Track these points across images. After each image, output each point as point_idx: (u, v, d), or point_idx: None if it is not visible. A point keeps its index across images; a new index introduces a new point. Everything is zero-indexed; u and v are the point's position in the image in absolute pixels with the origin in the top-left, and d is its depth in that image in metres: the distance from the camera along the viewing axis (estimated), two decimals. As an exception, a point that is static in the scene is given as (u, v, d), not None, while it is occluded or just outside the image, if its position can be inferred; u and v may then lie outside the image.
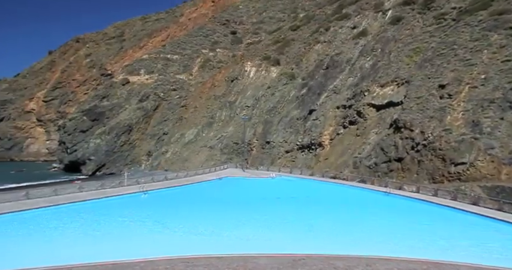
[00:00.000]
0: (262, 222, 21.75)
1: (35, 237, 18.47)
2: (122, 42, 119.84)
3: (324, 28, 69.35)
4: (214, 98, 72.47)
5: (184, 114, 74.77)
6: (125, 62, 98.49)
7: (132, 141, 74.95)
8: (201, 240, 17.91)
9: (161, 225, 20.55)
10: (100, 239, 18.04)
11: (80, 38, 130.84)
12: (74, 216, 22.67)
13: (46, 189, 29.43)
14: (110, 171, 70.12)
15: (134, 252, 14.59)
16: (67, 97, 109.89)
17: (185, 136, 68.17)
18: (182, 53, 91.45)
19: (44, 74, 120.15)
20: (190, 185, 35.82)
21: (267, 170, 48.64)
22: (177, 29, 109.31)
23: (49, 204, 24.39)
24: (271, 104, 62.04)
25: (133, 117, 76.39)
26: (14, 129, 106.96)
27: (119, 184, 33.92)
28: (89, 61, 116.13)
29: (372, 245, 17.05)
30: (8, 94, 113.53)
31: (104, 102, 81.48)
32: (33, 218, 21.74)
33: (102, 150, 72.25)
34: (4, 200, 24.49)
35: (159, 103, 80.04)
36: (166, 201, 29.46)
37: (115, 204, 26.64)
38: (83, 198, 26.82)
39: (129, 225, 21.01)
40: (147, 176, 45.87)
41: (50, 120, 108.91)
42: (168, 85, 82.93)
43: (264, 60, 72.53)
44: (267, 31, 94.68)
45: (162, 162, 66.08)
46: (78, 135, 77.65)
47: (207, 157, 60.51)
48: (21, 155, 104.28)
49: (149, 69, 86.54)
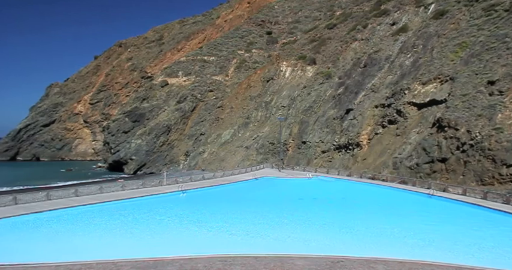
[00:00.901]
0: (299, 223, 21.56)
1: (82, 232, 19.48)
2: (161, 45, 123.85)
3: (362, 25, 67.63)
4: (250, 98, 72.93)
5: (220, 114, 75.89)
6: (164, 64, 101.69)
7: (171, 141, 77.20)
8: (238, 239, 18.05)
9: (199, 224, 20.94)
10: (141, 236, 18.68)
11: (122, 42, 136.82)
12: (117, 213, 23.69)
13: (92, 187, 31.01)
14: (150, 170, 72.66)
15: (174, 249, 14.98)
16: (111, 99, 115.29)
17: (221, 136, 69.15)
18: (218, 55, 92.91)
19: (90, 77, 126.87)
20: (227, 185, 36.23)
21: (303, 170, 48.20)
22: (213, 31, 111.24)
23: (95, 201, 25.66)
24: (307, 103, 61.40)
25: (172, 118, 78.65)
26: (64, 131, 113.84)
27: (159, 183, 35.00)
28: (131, 64, 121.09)
29: (415, 249, 16.36)
30: (59, 98, 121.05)
31: (144, 104, 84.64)
32: (81, 214, 22.97)
33: (142, 150, 75.03)
34: (56, 196, 26.13)
35: (197, 104, 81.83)
36: (203, 200, 29.99)
37: (155, 202, 27.50)
38: (126, 197, 27.94)
39: (169, 223, 21.60)
40: (185, 175, 46.99)
41: (95, 121, 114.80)
42: (205, 86, 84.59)
43: (300, 59, 71.95)
44: (303, 30, 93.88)
45: (200, 162, 67.47)
46: (121, 135, 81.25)
47: (243, 157, 61.00)
48: (70, 155, 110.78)
49: (187, 71, 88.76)
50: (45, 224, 20.67)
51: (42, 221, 21.02)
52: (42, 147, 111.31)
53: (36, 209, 22.71)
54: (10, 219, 20.58)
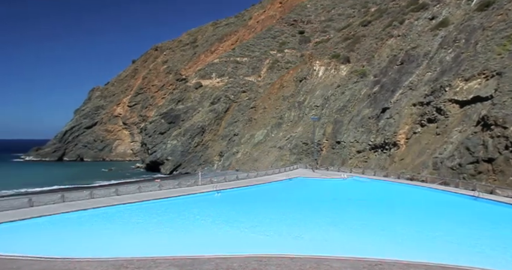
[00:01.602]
0: (335, 224, 21.20)
1: (122, 229, 20.27)
2: (195, 48, 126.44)
3: (398, 21, 65.42)
4: (282, 98, 72.71)
5: (253, 115, 76.22)
6: (198, 66, 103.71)
7: (205, 142, 78.54)
8: (273, 239, 18.02)
9: (234, 224, 21.13)
10: (177, 235, 19.14)
11: (158, 46, 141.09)
12: (155, 212, 24.44)
13: (131, 186, 32.19)
14: (186, 170, 74.31)
15: (209, 248, 15.21)
16: (147, 102, 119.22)
17: (255, 137, 69.43)
18: (251, 56, 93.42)
19: (129, 81, 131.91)
20: (261, 185, 36.30)
21: (337, 170, 47.36)
22: (245, 32, 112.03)
23: (134, 200, 26.61)
24: (341, 103, 60.27)
25: (206, 119, 80.00)
26: (105, 132, 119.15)
27: (194, 183, 35.69)
28: (166, 67, 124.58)
29: (459, 255, 15.57)
30: (100, 101, 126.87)
31: (179, 106, 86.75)
32: (121, 212, 23.92)
33: (178, 151, 76.90)
34: (99, 195, 27.40)
35: (230, 105, 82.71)
36: (238, 200, 30.25)
37: (191, 202, 28.07)
38: (163, 196, 28.75)
39: (204, 222, 21.97)
40: (219, 175, 47.59)
41: (133, 123, 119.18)
42: (238, 87, 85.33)
43: (333, 58, 70.80)
44: (336, 28, 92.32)
45: (233, 163, 68.12)
46: (157, 137, 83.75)
47: (276, 157, 60.90)
48: (110, 155, 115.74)
49: (220, 73, 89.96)
50: (89, 221, 21.72)
51: (87, 218, 22.11)
52: (85, 148, 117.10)
53: (81, 206, 23.92)
54: (59, 215, 21.83)
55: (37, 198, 24.84)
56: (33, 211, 22.37)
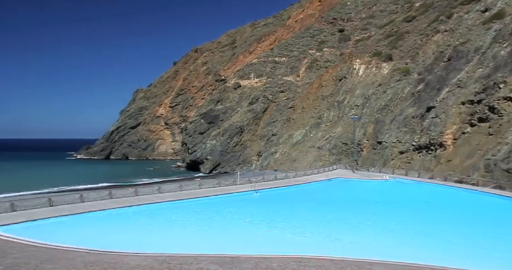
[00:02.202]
0: (376, 227, 20.55)
1: (164, 226, 20.96)
2: (233, 49, 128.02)
3: (446, 16, 62.12)
4: (321, 98, 71.67)
5: (292, 115, 75.80)
6: (237, 67, 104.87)
7: (244, 142, 79.22)
8: (312, 241, 17.80)
9: (272, 224, 21.12)
10: (217, 233, 19.47)
11: (198, 48, 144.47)
12: (195, 210, 25.02)
13: (173, 185, 33.22)
14: (225, 170, 75.41)
15: (248, 247, 15.32)
16: (188, 102, 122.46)
17: (293, 137, 69.01)
18: (289, 55, 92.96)
19: (170, 82, 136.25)
20: (300, 186, 36.01)
21: (379, 171, 45.85)
22: (284, 32, 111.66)
23: (175, 198, 27.43)
24: (383, 102, 58.30)
25: (245, 119, 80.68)
26: (148, 132, 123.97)
27: (233, 183, 36.14)
28: (206, 68, 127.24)
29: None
30: (144, 102, 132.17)
31: (218, 106, 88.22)
32: (163, 209, 24.75)
33: (217, 151, 78.22)
34: (143, 193, 28.55)
35: (268, 105, 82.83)
36: (276, 200, 30.22)
37: (230, 201, 28.44)
38: (203, 195, 29.37)
39: (243, 222, 22.16)
40: (257, 175, 47.80)
41: (174, 123, 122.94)
42: (276, 87, 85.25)
43: (375, 56, 68.67)
44: (378, 25, 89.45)
45: (272, 163, 68.15)
46: (197, 136, 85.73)
47: (315, 158, 60.15)
48: (153, 154, 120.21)
49: (258, 73, 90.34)
50: (134, 217, 22.69)
51: (132, 215, 23.11)
52: (130, 147, 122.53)
53: (126, 203, 25.06)
54: (106, 211, 23.02)
55: (87, 195, 26.36)
56: (84, 206, 23.76)
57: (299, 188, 35.38)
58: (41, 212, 21.78)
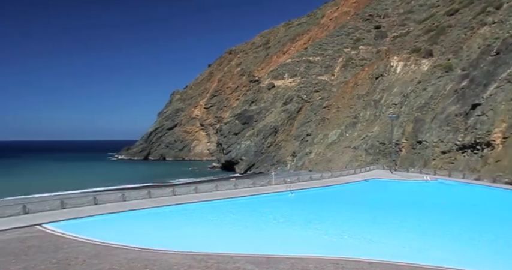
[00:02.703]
0: (416, 230, 19.80)
1: (201, 226, 21.39)
2: (267, 49, 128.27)
3: (494, 7, 58.56)
4: (357, 97, 70.10)
5: (326, 115, 74.74)
6: (270, 67, 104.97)
7: (278, 142, 79.12)
8: (348, 242, 17.48)
9: (308, 225, 20.96)
10: (253, 233, 19.60)
11: (232, 49, 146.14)
12: (231, 210, 25.35)
13: (209, 185, 33.85)
14: (259, 170, 75.71)
15: (284, 248, 15.31)
16: (222, 103, 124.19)
17: (328, 137, 68.03)
18: (324, 54, 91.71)
19: (205, 84, 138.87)
20: (336, 186, 35.46)
21: (419, 172, 44.12)
22: (318, 31, 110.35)
23: (212, 198, 27.94)
24: (423, 100, 56.00)
25: (279, 119, 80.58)
26: (184, 133, 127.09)
27: (268, 183, 36.23)
28: (240, 69, 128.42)
29: None
30: (180, 104, 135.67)
31: (252, 107, 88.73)
32: (200, 209, 25.29)
33: (251, 151, 78.69)
34: (180, 192, 29.35)
35: (302, 105, 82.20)
36: (312, 201, 29.94)
37: (265, 201, 28.54)
38: (238, 195, 29.68)
39: (278, 222, 22.16)
40: (292, 175, 47.62)
41: (209, 124, 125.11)
42: (310, 87, 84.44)
43: (414, 52, 66.15)
44: (417, 20, 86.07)
45: (306, 163, 67.56)
46: (232, 137, 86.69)
47: (351, 158, 58.93)
48: (189, 155, 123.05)
49: (292, 73, 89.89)
50: (172, 216, 23.39)
51: (170, 214, 23.84)
52: (167, 148, 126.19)
53: (165, 202, 25.87)
54: (145, 210, 23.91)
55: (128, 194, 27.50)
56: (126, 205, 24.81)
57: (335, 188, 34.84)
58: (87, 210, 23.01)
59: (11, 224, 19.04)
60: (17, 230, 18.16)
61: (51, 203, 23.92)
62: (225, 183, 36.08)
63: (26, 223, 19.32)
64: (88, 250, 14.61)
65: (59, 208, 23.12)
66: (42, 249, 14.78)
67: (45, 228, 18.74)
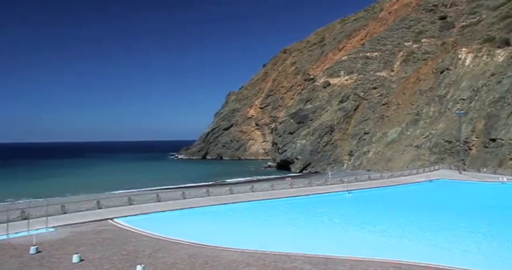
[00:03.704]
0: (488, 236, 18.14)
1: (258, 224, 21.65)
2: (322, 47, 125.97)
3: None
4: (419, 93, 66.10)
5: (385, 112, 71.50)
6: (326, 65, 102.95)
7: (334, 141, 77.35)
8: (409, 246, 16.57)
9: (367, 226, 20.25)
10: (310, 233, 19.40)
11: (287, 49, 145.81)
12: (287, 209, 25.36)
13: (265, 184, 34.17)
14: (315, 170, 74.65)
15: (342, 249, 14.93)
16: (277, 103, 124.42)
17: (387, 135, 65.02)
18: (382, 49, 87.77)
19: (260, 84, 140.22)
20: (396, 187, 33.84)
21: (493, 172, 40.45)
22: (376, 26, 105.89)
23: (268, 197, 28.17)
24: (497, 94, 51.16)
25: (335, 118, 78.76)
26: (240, 133, 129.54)
27: (324, 182, 35.66)
28: (294, 68, 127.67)
29: None
30: (236, 104, 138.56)
31: (307, 106, 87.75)
32: (256, 207, 25.62)
33: (307, 150, 77.84)
34: (237, 191, 30.01)
35: (360, 103, 79.49)
36: (371, 201, 28.88)
37: (322, 201, 28.11)
38: (294, 194, 29.59)
39: (336, 222, 21.71)
40: (349, 175, 46.35)
41: (264, 124, 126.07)
42: (368, 84, 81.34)
43: (486, 42, 60.69)
44: (490, 7, 78.70)
45: (364, 162, 65.25)
46: (287, 136, 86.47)
47: (413, 157, 55.73)
48: (245, 154, 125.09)
49: (349, 70, 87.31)
50: (229, 214, 23.99)
51: (227, 212, 24.47)
52: (224, 148, 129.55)
53: (222, 201, 26.62)
54: (204, 208, 24.81)
55: (188, 192, 28.74)
56: (186, 203, 25.96)
57: (395, 189, 33.25)
58: (151, 207, 24.48)
59: (87, 218, 20.90)
60: (93, 223, 19.89)
61: (120, 199, 25.82)
62: (280, 182, 36.19)
63: (99, 217, 21.07)
64: (153, 244, 15.52)
65: (126, 204, 24.86)
66: (114, 241, 16.02)
67: (116, 222, 20.27)
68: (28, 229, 17.61)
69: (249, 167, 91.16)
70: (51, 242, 15.74)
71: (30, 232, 17.17)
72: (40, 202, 23.56)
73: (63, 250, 14.49)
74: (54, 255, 13.80)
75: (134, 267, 11.58)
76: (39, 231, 17.45)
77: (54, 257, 13.63)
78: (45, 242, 15.72)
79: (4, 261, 13.23)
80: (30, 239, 15.72)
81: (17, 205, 23.40)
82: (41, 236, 16.61)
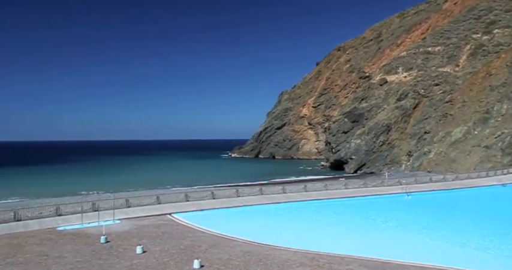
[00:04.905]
0: None
1: (311, 224, 21.41)
2: (378, 43, 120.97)
3: None
4: (490, 89, 60.85)
5: (449, 110, 66.82)
6: (382, 62, 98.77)
7: (391, 141, 74.01)
8: (480, 256, 15.31)
9: (426, 231, 19.13)
10: (365, 235, 18.77)
11: (341, 46, 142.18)
12: (341, 210, 24.80)
13: (318, 184, 33.71)
14: (370, 170, 72.03)
15: (398, 253, 14.27)
16: (331, 102, 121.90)
17: (451, 135, 60.75)
18: (446, 43, 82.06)
19: (313, 83, 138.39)
20: (462, 190, 31.57)
21: None
22: (439, 18, 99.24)
23: (321, 197, 27.79)
24: None
25: (392, 116, 75.32)
26: (292, 132, 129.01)
27: (380, 183, 34.34)
28: (349, 66, 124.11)
29: None
30: (288, 103, 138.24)
31: (362, 104, 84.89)
32: (309, 207, 25.40)
33: (362, 150, 75.34)
34: (289, 191, 29.97)
35: (419, 100, 75.17)
36: (432, 205, 27.24)
37: (378, 203, 27.10)
38: (349, 195, 28.85)
39: (394, 225, 20.78)
40: (408, 176, 44.21)
41: (317, 123, 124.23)
42: (429, 80, 76.59)
43: None
44: None
45: (425, 163, 61.61)
46: (341, 136, 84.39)
47: (481, 158, 51.49)
48: (297, 154, 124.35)
49: (407, 66, 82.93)
50: (282, 213, 24.03)
51: (280, 210, 24.55)
52: (276, 147, 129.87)
53: (275, 200, 26.76)
54: (257, 206, 25.15)
55: (242, 190, 29.30)
56: (240, 200, 26.50)
57: (461, 192, 31.02)
58: (206, 203, 25.35)
59: (148, 212, 22.23)
60: (153, 217, 21.10)
61: (177, 195, 27.07)
62: (334, 182, 35.49)
63: (159, 212, 22.29)
64: (208, 240, 16.07)
65: (183, 200, 25.99)
66: (173, 235, 16.86)
67: (174, 217, 21.30)
68: (98, 220, 19.17)
69: (302, 167, 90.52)
70: (118, 233, 16.98)
71: (100, 223, 18.69)
72: (107, 196, 25.50)
73: (128, 241, 15.57)
74: (120, 246, 14.88)
75: (191, 261, 12.09)
76: (107, 223, 18.94)
77: (120, 247, 14.71)
78: (113, 232, 17.01)
79: (80, 248, 14.68)
80: (100, 229, 17.13)
81: (88, 198, 25.55)
82: (109, 227, 18.02)
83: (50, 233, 17.41)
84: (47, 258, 13.38)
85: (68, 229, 18.08)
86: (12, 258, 13.47)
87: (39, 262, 12.91)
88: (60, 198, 32.86)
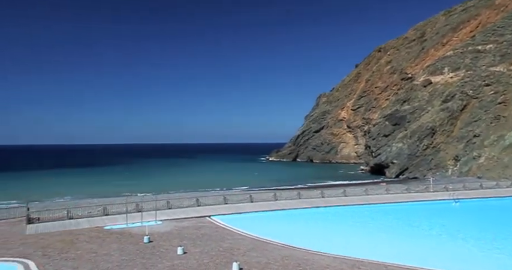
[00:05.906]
0: None
1: (351, 230, 20.91)
2: (422, 43, 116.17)
3: None
4: (547, 88, 56.39)
5: (502, 112, 62.71)
6: (426, 62, 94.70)
7: (436, 144, 70.60)
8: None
9: (476, 241, 18.00)
10: (409, 243, 18.05)
11: (381, 47, 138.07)
12: (383, 216, 24.02)
13: (358, 188, 32.89)
14: (413, 175, 69.09)
15: (445, 263, 13.56)
16: (371, 104, 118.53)
17: (505, 138, 56.97)
18: (498, 41, 77.12)
19: (352, 85, 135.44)
20: (516, 198, 29.38)
21: None
22: (491, 14, 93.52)
23: (361, 202, 27.10)
24: None
25: (437, 119, 71.89)
26: (330, 136, 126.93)
27: (425, 189, 32.96)
28: (390, 67, 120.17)
29: None
30: (326, 106, 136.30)
31: (404, 106, 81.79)
32: (349, 212, 24.84)
33: (404, 154, 72.51)
34: (328, 195, 29.53)
35: (467, 102, 71.14)
36: (482, 213, 25.68)
37: (422, 209, 25.98)
38: (390, 200, 27.91)
39: (438, 233, 19.80)
40: (456, 182, 42.03)
41: (357, 126, 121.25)
42: (478, 81, 72.31)
43: None
44: None
45: (474, 168, 58.14)
46: (381, 139, 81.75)
47: (538, 165, 47.73)
48: (336, 157, 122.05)
49: (454, 66, 78.87)
50: (321, 218, 23.70)
51: (319, 215, 24.24)
52: (314, 151, 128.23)
53: (314, 204, 26.47)
54: (295, 210, 25.01)
55: (279, 194, 29.28)
56: (278, 204, 26.47)
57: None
58: (244, 206, 25.59)
59: (188, 214, 22.85)
60: (193, 219, 21.66)
61: (216, 198, 27.58)
62: (374, 187, 34.51)
63: (199, 214, 22.83)
64: (247, 243, 16.20)
65: (222, 203, 26.41)
66: (212, 237, 17.19)
67: (213, 219, 21.71)
68: (141, 220, 19.98)
69: (342, 171, 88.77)
70: (160, 234, 17.61)
71: (143, 223, 19.48)
72: (150, 197, 26.51)
73: (169, 242, 16.10)
74: (162, 246, 15.42)
75: (230, 264, 12.25)
76: (150, 223, 19.71)
77: (162, 247, 15.24)
78: (155, 233, 17.66)
79: (125, 247, 15.44)
80: (143, 229, 17.86)
81: (132, 199, 26.68)
82: (152, 228, 18.74)
83: (98, 231, 18.44)
84: (95, 255, 14.18)
85: (114, 228, 19.05)
86: (66, 253, 14.46)
87: (89, 259, 13.69)
88: (106, 199, 34.63)
